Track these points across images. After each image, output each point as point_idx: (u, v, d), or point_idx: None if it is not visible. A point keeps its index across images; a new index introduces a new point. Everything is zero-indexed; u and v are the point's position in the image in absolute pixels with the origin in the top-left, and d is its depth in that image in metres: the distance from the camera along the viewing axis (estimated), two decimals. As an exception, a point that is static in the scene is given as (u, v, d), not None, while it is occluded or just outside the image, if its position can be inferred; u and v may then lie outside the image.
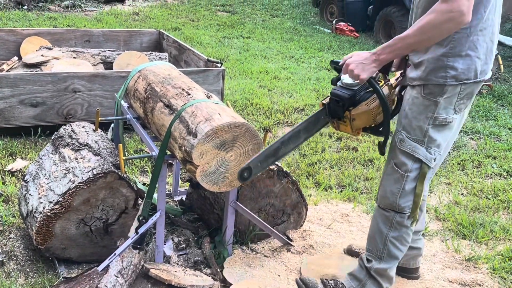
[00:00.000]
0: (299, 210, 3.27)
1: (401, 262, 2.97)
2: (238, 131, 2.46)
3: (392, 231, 2.59)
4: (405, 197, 2.51)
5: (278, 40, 9.33)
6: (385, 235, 2.60)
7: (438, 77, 2.34)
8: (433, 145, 2.44)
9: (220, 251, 2.97)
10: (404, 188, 2.50)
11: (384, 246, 2.62)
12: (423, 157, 2.44)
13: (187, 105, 2.60)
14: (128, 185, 2.82)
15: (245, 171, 2.45)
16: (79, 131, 3.13)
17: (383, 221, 2.60)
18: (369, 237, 2.70)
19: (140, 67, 3.15)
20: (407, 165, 2.47)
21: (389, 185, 2.54)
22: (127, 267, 2.53)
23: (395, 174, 2.51)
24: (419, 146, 2.43)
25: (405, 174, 2.48)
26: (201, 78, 4.76)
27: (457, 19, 2.15)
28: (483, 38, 2.32)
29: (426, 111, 2.40)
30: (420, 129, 2.42)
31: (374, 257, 2.66)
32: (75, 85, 4.45)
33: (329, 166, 4.44)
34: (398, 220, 2.56)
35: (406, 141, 2.45)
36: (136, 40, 6.39)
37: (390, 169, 2.54)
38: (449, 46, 2.30)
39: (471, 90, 2.40)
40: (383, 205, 2.59)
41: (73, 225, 2.78)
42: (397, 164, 2.50)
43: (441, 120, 2.40)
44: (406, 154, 2.46)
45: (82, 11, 10.36)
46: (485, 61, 2.37)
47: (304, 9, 12.45)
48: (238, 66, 7.27)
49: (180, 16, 10.64)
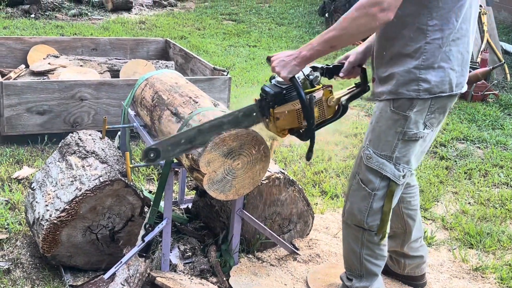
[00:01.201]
0: (306, 218, 3.26)
1: (406, 271, 2.95)
2: (245, 139, 2.46)
3: (364, 249, 2.52)
4: (373, 216, 2.43)
5: (284, 48, 9.34)
6: (359, 254, 2.54)
7: (410, 91, 2.24)
8: (402, 161, 2.34)
9: (226, 260, 2.96)
10: (371, 206, 2.41)
11: (360, 264, 2.56)
12: (391, 174, 2.35)
13: (194, 113, 2.60)
14: (135, 193, 2.82)
15: (151, 152, 2.28)
16: (86, 138, 3.14)
17: (353, 240, 2.54)
18: (345, 256, 2.65)
19: (147, 75, 3.16)
20: (374, 183, 2.38)
21: (356, 202, 2.46)
22: (133, 275, 2.52)
23: (362, 191, 2.42)
24: (387, 163, 2.34)
25: (372, 193, 2.39)
26: (207, 86, 4.77)
27: (376, 14, 2.04)
28: (457, 49, 2.23)
29: (395, 126, 2.30)
30: (388, 144, 2.33)
31: (355, 276, 2.62)
32: (82, 93, 4.47)
33: (336, 174, 4.43)
34: (367, 238, 2.49)
35: (374, 157, 2.36)
36: (143, 49, 6.42)
37: (356, 185, 2.45)
38: (421, 58, 2.21)
39: (444, 103, 2.30)
40: (350, 222, 2.52)
41: (79, 233, 2.78)
42: (364, 181, 2.41)
43: (411, 135, 2.30)
44: (373, 171, 2.37)
45: (89, 19, 10.42)
46: (461, 73, 2.29)
47: (310, 18, 12.47)
48: (244, 74, 7.28)
49: (186, 25, 10.68)
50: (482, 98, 6.64)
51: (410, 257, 2.91)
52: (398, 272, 2.99)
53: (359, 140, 5.19)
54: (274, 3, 13.52)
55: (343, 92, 2.56)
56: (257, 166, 2.55)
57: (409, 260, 2.92)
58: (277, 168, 3.17)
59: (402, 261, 2.93)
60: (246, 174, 2.52)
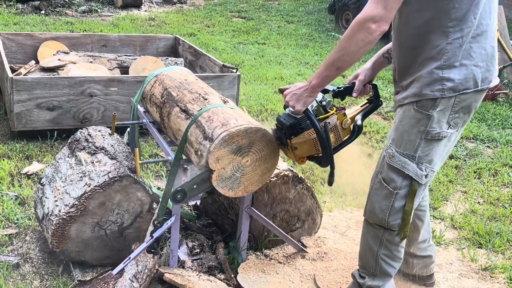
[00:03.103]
0: (314, 216, 3.26)
1: (415, 271, 2.94)
2: (255, 137, 2.46)
3: (382, 249, 2.52)
4: (394, 215, 2.42)
5: (293, 46, 9.33)
6: (376, 253, 2.53)
7: (434, 91, 2.25)
8: (425, 161, 2.33)
9: (234, 257, 2.97)
10: (393, 205, 2.40)
11: (376, 263, 2.55)
12: (413, 173, 2.34)
13: (203, 110, 2.60)
14: (144, 189, 2.83)
15: (178, 193, 2.50)
16: (96, 134, 3.15)
17: (372, 238, 2.53)
18: (361, 253, 2.64)
19: (157, 72, 3.16)
20: (396, 182, 2.37)
21: (377, 201, 2.45)
22: (141, 271, 2.53)
23: (384, 190, 2.42)
24: (409, 162, 2.33)
25: (394, 192, 2.38)
26: (216, 83, 4.77)
27: (370, 27, 2.10)
28: (479, 45, 2.24)
29: (418, 125, 2.30)
30: (411, 143, 2.32)
31: (368, 274, 2.61)
32: (92, 89, 4.48)
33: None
34: (387, 238, 2.49)
35: (396, 156, 2.35)
36: (152, 45, 6.43)
37: (378, 184, 2.45)
38: (443, 58, 2.23)
39: (469, 101, 2.30)
40: (371, 221, 2.51)
41: (88, 229, 2.79)
42: (386, 180, 2.40)
43: (434, 134, 2.30)
44: (395, 170, 2.37)
45: (99, 16, 10.44)
46: (487, 68, 2.29)
47: (320, 16, 12.44)
48: (253, 71, 7.27)
49: (195, 22, 10.68)
50: (492, 97, 6.60)
51: (418, 257, 2.90)
52: (406, 271, 2.98)
53: (368, 138, 5.18)
54: (284, 1, 13.50)
55: (356, 110, 2.58)
56: (266, 164, 2.55)
57: (417, 260, 2.91)
58: (285, 165, 3.17)
59: (411, 261, 2.92)
60: (255, 171, 2.52)
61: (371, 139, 5.18)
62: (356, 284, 2.68)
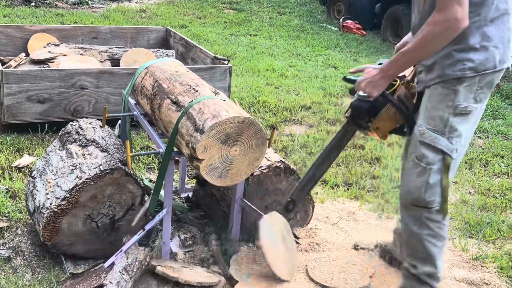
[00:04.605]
0: (306, 208, 3.26)
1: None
2: (243, 126, 2.46)
3: (424, 229, 2.51)
4: (430, 190, 2.44)
5: (285, 37, 9.32)
6: (419, 235, 2.52)
7: (456, 71, 2.34)
8: (454, 135, 2.40)
9: (226, 249, 2.97)
10: (428, 181, 2.43)
11: (423, 246, 2.53)
12: (445, 147, 2.40)
13: (194, 101, 2.59)
14: (135, 182, 2.82)
15: (290, 204, 2.74)
16: (86, 127, 3.13)
17: (412, 221, 2.53)
18: (405, 242, 2.64)
19: (147, 64, 3.15)
20: (428, 157, 2.42)
21: (412, 180, 2.48)
22: (132, 263, 2.53)
23: (417, 167, 2.46)
24: (440, 136, 2.40)
25: (428, 167, 2.42)
26: (208, 75, 4.76)
27: (454, 26, 2.21)
28: (496, 28, 2.32)
29: (446, 100, 2.38)
30: (440, 119, 2.39)
31: (418, 261, 2.58)
32: (82, 81, 4.46)
33: (336, 164, 4.43)
34: (426, 216, 2.48)
35: (427, 132, 2.42)
36: (143, 37, 6.39)
37: (411, 164, 2.49)
38: (463, 41, 2.30)
39: (491, 79, 2.38)
40: (408, 202, 2.52)
41: (80, 221, 2.78)
42: (418, 157, 2.45)
43: (461, 109, 2.38)
44: (427, 146, 2.43)
45: (89, 8, 10.38)
46: (504, 50, 2.37)
47: (311, 7, 12.42)
48: (245, 63, 7.26)
49: (187, 14, 10.64)
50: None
51: None
52: (399, 258, 2.99)
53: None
54: (275, -8, 13.48)
55: (411, 75, 2.66)
56: (254, 153, 2.55)
57: None
58: (277, 157, 3.17)
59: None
60: (243, 160, 2.52)
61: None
62: (411, 277, 2.62)
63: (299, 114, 5.49)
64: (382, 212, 3.70)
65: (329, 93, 6.26)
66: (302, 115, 5.46)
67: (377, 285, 2.89)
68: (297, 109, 5.60)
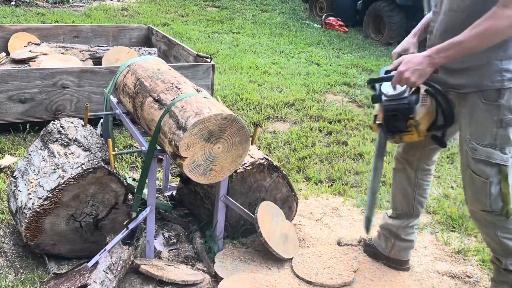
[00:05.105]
0: (290, 204, 3.28)
1: (392, 253, 2.99)
2: (226, 123, 2.46)
3: (498, 230, 2.51)
4: (495, 200, 2.45)
5: (268, 35, 9.32)
6: (495, 235, 2.53)
7: (494, 82, 2.30)
8: (507, 145, 2.38)
9: (211, 246, 2.97)
10: (490, 193, 2.43)
11: (500, 245, 2.55)
12: (500, 160, 2.38)
13: (176, 99, 2.59)
14: (118, 181, 2.81)
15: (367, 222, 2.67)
16: (68, 126, 3.11)
17: (485, 225, 2.55)
18: (486, 241, 2.65)
19: (129, 62, 3.13)
20: (485, 172, 2.41)
21: (475, 193, 2.49)
22: (116, 262, 2.52)
23: (477, 182, 2.45)
24: (492, 150, 2.38)
25: (487, 181, 2.42)
26: (190, 73, 4.75)
27: None
28: None
29: (491, 116, 2.35)
30: (489, 134, 2.37)
31: (500, 255, 2.60)
32: (64, 80, 4.43)
33: (320, 160, 4.45)
34: (496, 218, 2.50)
35: (478, 148, 2.39)
36: (125, 36, 6.36)
37: (469, 177, 2.48)
38: (502, 48, 2.27)
39: None
40: (476, 208, 2.53)
41: (62, 221, 2.76)
42: (476, 172, 2.43)
43: (508, 121, 2.34)
44: (482, 162, 2.40)
45: (71, 6, 10.30)
46: None
47: (294, 4, 12.43)
48: (228, 61, 7.25)
49: (169, 12, 10.60)
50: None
51: (401, 239, 2.95)
52: (384, 252, 3.03)
53: (343, 126, 5.21)
54: (258, -11, 13.47)
55: None
56: (238, 150, 2.55)
57: (399, 241, 2.96)
58: (261, 154, 3.17)
59: (392, 241, 2.97)
60: (226, 158, 2.52)
61: (346, 127, 5.21)
62: (500, 270, 2.62)
63: (283, 111, 5.50)
64: (365, 207, 3.72)
65: (312, 89, 6.27)
66: (286, 112, 5.47)
67: (362, 280, 2.91)
68: (281, 106, 5.61)
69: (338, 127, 5.18)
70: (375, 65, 7.64)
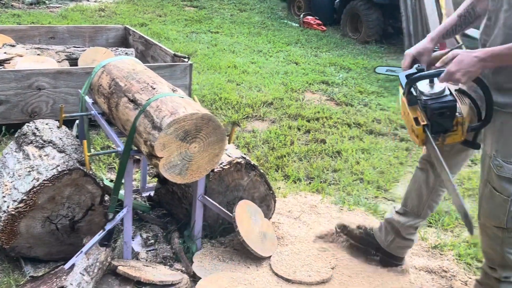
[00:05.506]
0: (268, 202, 3.28)
1: (390, 247, 3.00)
2: (201, 122, 2.46)
3: (506, 246, 2.51)
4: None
5: (246, 34, 9.32)
6: (500, 250, 2.52)
7: None
8: None
9: (189, 246, 2.97)
10: (510, 210, 2.40)
11: (502, 258, 2.54)
12: None
13: (151, 99, 2.58)
14: (94, 182, 2.79)
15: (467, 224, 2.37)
16: (43, 128, 3.09)
17: (493, 239, 2.54)
18: (485, 251, 2.64)
19: (104, 62, 3.12)
20: (508, 190, 2.38)
21: (492, 209, 2.47)
22: (93, 264, 2.50)
23: (497, 198, 2.42)
24: None
25: (509, 198, 2.39)
26: (168, 73, 4.74)
27: None
28: None
29: None
30: None
31: (497, 265, 2.60)
32: (40, 82, 4.38)
33: (298, 158, 4.46)
34: (509, 236, 2.49)
35: (505, 166, 2.37)
36: (102, 36, 6.32)
37: (489, 193, 2.46)
38: None
39: None
40: (489, 224, 2.52)
41: (38, 224, 2.74)
42: (498, 189, 2.41)
43: None
44: (506, 180, 2.38)
45: (47, 7, 10.20)
46: None
47: (272, 4, 12.45)
48: (206, 61, 7.24)
49: (147, 12, 10.55)
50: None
51: (402, 237, 2.95)
52: (382, 245, 3.02)
53: (321, 124, 5.23)
54: (236, -11, 13.47)
55: None
56: (214, 149, 2.55)
57: (399, 238, 2.95)
58: (238, 153, 3.18)
59: (392, 237, 2.96)
60: (203, 157, 2.52)
61: (324, 125, 5.23)
62: (491, 278, 2.63)
63: (261, 110, 5.50)
64: (343, 204, 3.75)
65: (291, 88, 6.29)
66: (264, 111, 5.48)
67: (339, 277, 2.93)
68: (259, 105, 5.62)
69: (316, 125, 5.20)
70: (353, 63, 7.68)
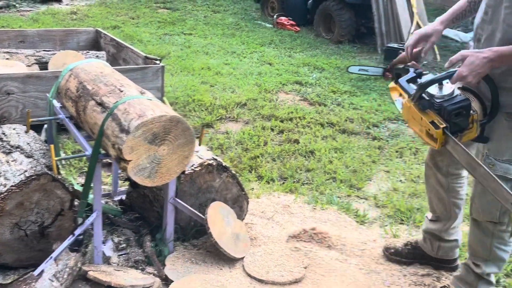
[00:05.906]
0: (240, 203, 3.28)
1: (440, 254, 3.02)
2: (170, 124, 2.45)
3: (495, 239, 2.55)
4: (504, 213, 2.48)
5: (220, 36, 9.31)
6: (489, 244, 2.56)
7: None
8: None
9: (161, 249, 2.95)
10: (502, 206, 2.41)
11: (489, 251, 2.58)
12: None
13: (119, 102, 2.56)
14: (63, 187, 2.75)
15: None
16: (10, 133, 3.04)
17: (483, 232, 2.57)
18: (471, 245, 2.67)
19: (72, 66, 3.08)
20: None
21: (485, 205, 2.50)
22: (62, 270, 2.48)
23: (490, 195, 2.39)
24: (510, 166, 2.40)
25: None
26: (140, 75, 4.70)
27: None
28: None
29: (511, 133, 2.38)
30: (509, 150, 2.39)
31: (481, 260, 2.63)
32: (9, 87, 4.32)
33: (272, 159, 4.47)
34: (499, 229, 2.53)
35: (497, 164, 2.40)
36: (73, 40, 6.25)
37: (481, 189, 2.48)
38: None
39: None
40: (481, 219, 2.55)
41: (7, 230, 2.70)
42: None
43: None
44: (498, 177, 2.34)
45: (17, 11, 10.06)
46: None
47: (246, 5, 12.45)
48: (180, 62, 7.21)
49: (119, 14, 10.47)
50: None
51: (445, 240, 2.97)
52: (431, 254, 3.04)
53: (294, 124, 5.24)
54: (209, -10, 13.44)
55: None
56: (183, 151, 2.55)
57: (443, 243, 2.97)
58: (210, 154, 3.17)
59: (437, 244, 2.98)
60: (172, 159, 2.51)
61: (298, 125, 5.25)
62: (474, 274, 2.66)
63: (235, 111, 5.50)
64: (316, 203, 3.76)
65: (264, 89, 6.30)
66: (238, 112, 5.47)
67: (312, 276, 2.94)
68: (233, 106, 5.61)
69: (289, 125, 5.22)
70: (326, 63, 7.72)
